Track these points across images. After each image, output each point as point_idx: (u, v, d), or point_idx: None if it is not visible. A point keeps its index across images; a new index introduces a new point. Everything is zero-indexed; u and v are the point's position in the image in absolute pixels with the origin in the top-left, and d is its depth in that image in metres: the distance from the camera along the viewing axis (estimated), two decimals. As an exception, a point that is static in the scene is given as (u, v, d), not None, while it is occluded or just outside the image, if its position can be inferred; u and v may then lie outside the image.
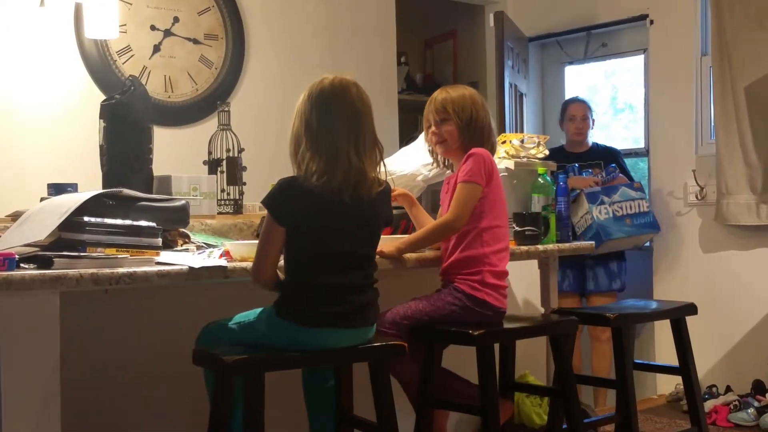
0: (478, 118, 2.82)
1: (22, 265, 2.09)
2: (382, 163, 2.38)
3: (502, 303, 2.76)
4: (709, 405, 4.23)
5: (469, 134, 2.81)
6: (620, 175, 4.58)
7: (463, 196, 2.69)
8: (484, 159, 2.73)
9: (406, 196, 2.95)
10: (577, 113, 4.76)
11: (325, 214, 2.27)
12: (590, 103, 4.90)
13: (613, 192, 4.43)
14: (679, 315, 3.35)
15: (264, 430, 2.17)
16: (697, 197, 4.74)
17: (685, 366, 3.32)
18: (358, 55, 4.87)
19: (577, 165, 4.59)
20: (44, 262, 2.11)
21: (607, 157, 4.74)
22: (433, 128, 2.87)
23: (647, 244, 4.91)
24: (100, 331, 2.57)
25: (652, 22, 4.97)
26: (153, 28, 4.26)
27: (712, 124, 4.67)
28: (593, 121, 4.83)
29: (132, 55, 4.19)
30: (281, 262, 2.32)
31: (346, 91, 2.32)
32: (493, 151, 2.88)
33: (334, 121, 2.28)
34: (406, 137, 4.81)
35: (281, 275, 2.33)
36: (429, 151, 2.98)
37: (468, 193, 2.69)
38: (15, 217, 2.57)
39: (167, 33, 4.30)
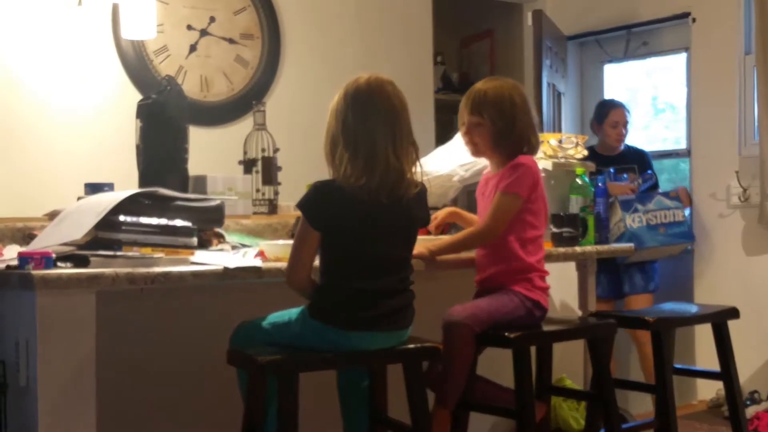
0: (515, 122, 2.67)
1: (58, 263, 2.11)
2: (418, 163, 2.35)
3: (548, 304, 2.74)
4: (750, 411, 4.16)
5: (505, 139, 2.69)
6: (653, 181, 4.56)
7: (503, 207, 2.61)
8: (531, 171, 2.64)
9: (452, 214, 2.89)
10: (620, 119, 4.69)
11: (362, 217, 2.25)
12: (627, 105, 4.84)
13: (648, 200, 4.41)
14: (720, 319, 3.28)
15: (298, 430, 2.16)
16: (740, 199, 4.65)
17: (727, 371, 3.26)
18: (394, 55, 4.85)
19: (612, 170, 4.54)
20: (80, 261, 2.12)
21: (639, 160, 4.69)
22: (465, 129, 2.75)
23: (688, 248, 4.83)
24: (135, 330, 2.58)
25: (694, 20, 4.89)
26: (189, 27, 4.28)
27: (756, 124, 4.58)
28: (629, 124, 4.78)
29: (168, 55, 4.21)
30: (316, 263, 2.30)
31: (383, 90, 2.29)
32: (534, 150, 2.79)
33: (372, 121, 2.25)
34: (442, 137, 4.78)
35: (315, 279, 2.31)
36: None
37: (508, 205, 2.60)
38: (52, 216, 2.58)
39: (203, 33, 4.31)
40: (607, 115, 4.74)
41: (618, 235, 4.31)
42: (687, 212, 4.63)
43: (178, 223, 2.35)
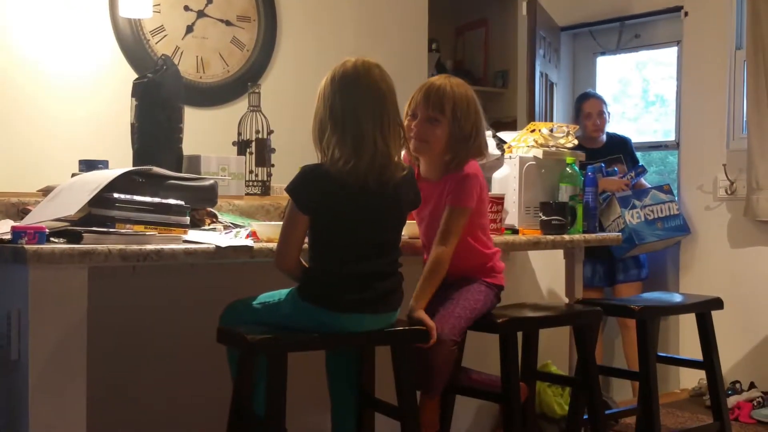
0: (477, 131, 2.58)
1: (51, 239, 2.12)
2: (405, 145, 2.35)
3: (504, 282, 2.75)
4: (732, 401, 4.21)
5: (461, 147, 2.57)
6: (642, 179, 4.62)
7: (456, 223, 2.53)
8: (478, 180, 2.57)
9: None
10: (592, 110, 4.75)
11: (350, 201, 2.25)
12: (616, 96, 4.89)
13: (644, 195, 4.51)
14: (704, 309, 3.33)
15: (286, 409, 2.19)
16: (726, 192, 4.70)
17: (709, 360, 3.30)
18: (389, 41, 4.87)
19: (603, 164, 4.59)
20: (74, 237, 2.13)
21: (623, 149, 4.75)
22: (417, 121, 2.58)
23: (675, 239, 4.90)
24: (127, 307, 2.60)
25: (686, 14, 4.92)
26: (186, 8, 4.28)
27: (745, 118, 4.62)
28: (609, 114, 4.82)
29: (165, 35, 4.21)
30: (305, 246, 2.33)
31: (370, 73, 2.28)
32: (478, 154, 2.64)
33: (359, 104, 2.25)
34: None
35: (305, 262, 2.33)
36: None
37: (461, 219, 2.54)
38: (46, 192, 2.59)
39: (200, 14, 4.32)
40: (580, 108, 4.80)
41: (618, 231, 4.39)
42: None
43: (172, 201, 2.36)
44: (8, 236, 2.09)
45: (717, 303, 3.35)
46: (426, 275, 2.52)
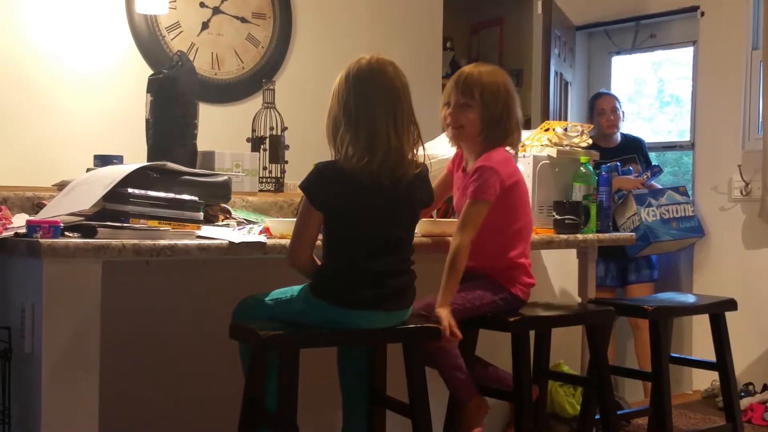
0: (509, 113, 2.60)
1: (66, 233, 2.13)
2: (420, 143, 2.34)
3: (528, 297, 2.73)
4: (744, 403, 4.19)
5: (494, 129, 2.60)
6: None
7: (473, 215, 2.53)
8: (498, 173, 2.53)
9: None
10: (606, 106, 4.75)
11: (363, 198, 2.26)
12: (631, 96, 4.88)
13: (660, 195, 4.51)
14: (718, 310, 3.31)
15: (297, 405, 2.19)
16: (741, 193, 4.67)
17: (723, 362, 3.29)
18: (404, 38, 4.87)
19: (618, 164, 4.58)
20: (88, 232, 2.14)
21: (637, 149, 4.74)
22: (450, 109, 2.64)
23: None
24: (140, 302, 2.61)
25: (702, 14, 4.89)
26: (202, 5, 4.29)
27: (760, 119, 4.60)
28: (623, 113, 4.81)
29: (180, 32, 4.22)
30: (318, 242, 2.33)
31: (384, 70, 2.29)
32: (515, 144, 2.69)
33: (373, 102, 2.26)
34: (449, 122, 4.80)
35: (317, 260, 2.33)
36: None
37: (478, 213, 2.53)
38: (61, 186, 2.61)
39: (216, 11, 4.33)
40: (594, 106, 4.80)
41: (633, 228, 4.38)
42: None
43: (186, 197, 2.36)
44: (23, 230, 2.10)
45: (731, 304, 3.34)
46: (446, 269, 2.51)
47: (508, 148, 2.66)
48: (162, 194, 2.32)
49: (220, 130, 3.89)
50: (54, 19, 3.90)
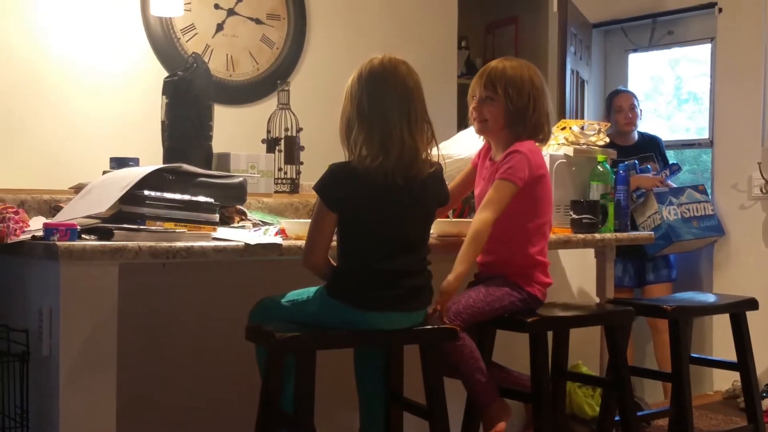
0: (535, 105, 2.61)
1: (83, 236, 2.13)
2: (434, 142, 2.33)
3: (545, 297, 2.72)
4: (766, 403, 4.14)
5: (519, 122, 2.60)
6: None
7: (500, 194, 2.52)
8: (528, 159, 2.54)
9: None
10: (624, 104, 4.73)
11: (378, 198, 2.25)
12: (648, 93, 4.85)
13: (680, 194, 4.48)
14: (739, 309, 3.28)
15: (314, 407, 2.19)
16: (761, 191, 4.63)
17: (744, 362, 3.26)
18: (418, 38, 4.85)
19: (636, 162, 4.55)
20: (105, 234, 2.14)
21: (655, 147, 4.72)
22: (475, 103, 2.66)
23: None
24: (157, 304, 2.62)
25: (720, 10, 4.85)
26: (217, 7, 4.29)
27: (780, 116, 4.56)
28: (641, 111, 4.78)
29: (195, 33, 4.23)
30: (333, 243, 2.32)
31: (396, 70, 2.28)
32: (545, 140, 2.70)
33: (386, 101, 2.25)
34: (464, 121, 4.78)
35: (332, 261, 2.32)
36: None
37: (505, 193, 2.52)
38: (78, 189, 2.61)
39: (230, 12, 4.33)
40: (612, 103, 4.78)
41: (654, 227, 4.36)
42: None
43: (201, 199, 2.37)
44: (40, 233, 2.11)
45: (752, 303, 3.30)
46: (466, 242, 2.49)
47: (537, 144, 2.66)
48: (178, 196, 2.32)
49: (235, 132, 3.89)
50: (69, 23, 3.91)
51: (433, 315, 2.41)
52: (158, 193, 2.29)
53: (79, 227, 2.12)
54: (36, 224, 2.33)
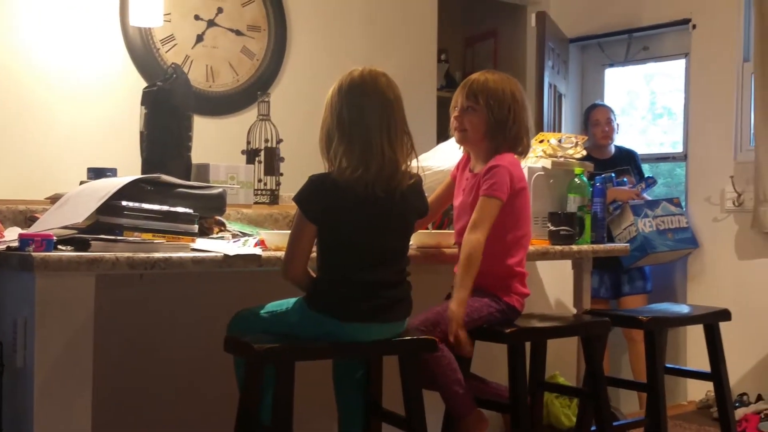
0: (515, 118, 2.64)
1: (59, 246, 2.12)
2: (414, 154, 2.34)
3: (523, 307, 2.74)
4: (739, 413, 4.18)
5: (499, 134, 2.63)
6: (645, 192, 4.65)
7: (487, 212, 2.55)
8: (510, 172, 2.57)
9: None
10: (601, 117, 4.79)
11: (358, 209, 2.25)
12: (625, 108, 4.90)
13: (656, 206, 4.55)
14: (712, 320, 3.31)
15: (293, 418, 2.18)
16: (734, 204, 4.68)
17: (717, 372, 3.28)
18: (398, 51, 4.88)
19: (613, 175, 4.60)
20: (81, 245, 2.13)
21: (631, 161, 4.78)
22: (456, 113, 2.69)
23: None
24: (134, 315, 2.60)
25: (694, 26, 4.92)
26: (197, 17, 4.30)
27: (752, 130, 4.62)
28: (617, 125, 4.84)
29: (175, 44, 4.23)
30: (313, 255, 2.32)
31: (376, 82, 2.29)
32: (524, 153, 2.73)
33: (366, 113, 2.26)
34: (444, 134, 4.81)
35: (312, 272, 2.33)
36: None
37: (493, 209, 2.55)
38: (54, 199, 2.60)
39: (210, 23, 4.33)
40: (589, 117, 4.84)
41: (629, 238, 4.40)
42: None
43: (180, 209, 2.36)
44: (16, 244, 2.10)
45: (725, 314, 3.34)
46: (461, 267, 2.52)
47: (516, 157, 2.69)
48: (156, 207, 2.32)
49: (215, 143, 3.89)
50: (47, 32, 3.90)
51: (451, 344, 2.44)
52: (136, 204, 2.28)
53: (55, 238, 2.11)
54: (11, 235, 2.32)
